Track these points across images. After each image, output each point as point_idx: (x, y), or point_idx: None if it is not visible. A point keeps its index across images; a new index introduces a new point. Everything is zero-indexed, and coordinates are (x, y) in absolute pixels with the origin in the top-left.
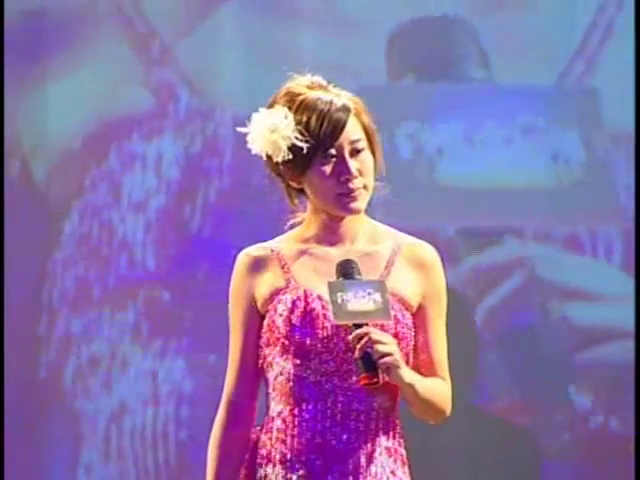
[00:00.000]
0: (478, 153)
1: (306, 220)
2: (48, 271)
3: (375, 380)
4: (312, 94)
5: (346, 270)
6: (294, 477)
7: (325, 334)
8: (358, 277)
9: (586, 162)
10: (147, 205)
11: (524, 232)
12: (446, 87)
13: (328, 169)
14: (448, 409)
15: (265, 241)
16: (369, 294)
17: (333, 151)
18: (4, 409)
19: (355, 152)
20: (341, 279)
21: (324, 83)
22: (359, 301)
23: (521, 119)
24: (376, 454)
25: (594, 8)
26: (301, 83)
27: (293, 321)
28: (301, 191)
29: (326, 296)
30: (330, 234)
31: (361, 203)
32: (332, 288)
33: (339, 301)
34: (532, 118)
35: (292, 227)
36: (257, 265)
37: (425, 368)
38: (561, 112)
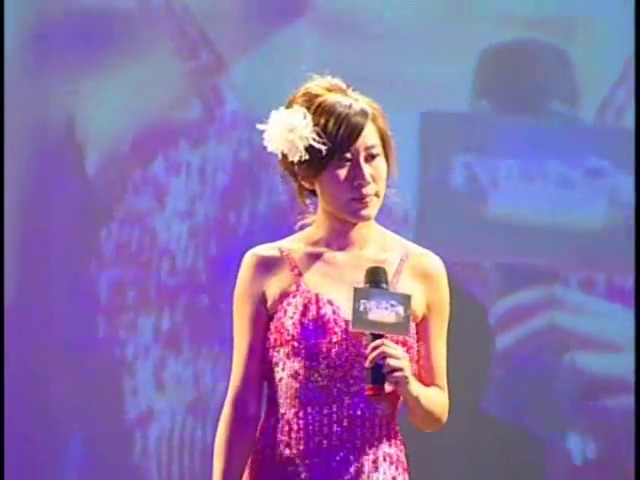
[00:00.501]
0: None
1: (316, 222)
2: (87, 274)
3: (380, 393)
4: (331, 97)
5: (375, 277)
6: None
7: (335, 339)
8: (384, 287)
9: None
10: (193, 212)
11: (564, 275)
12: (515, 119)
13: (342, 173)
14: (445, 418)
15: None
16: (392, 306)
17: (348, 155)
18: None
19: (370, 157)
20: (368, 286)
21: (343, 86)
22: (381, 312)
23: (588, 161)
24: (379, 460)
25: None
26: (320, 84)
27: (305, 325)
28: (313, 192)
29: (336, 301)
30: (340, 238)
31: (372, 210)
32: (357, 294)
33: (361, 308)
34: (598, 161)
35: (301, 228)
36: (267, 265)
37: (425, 376)
38: (623, 155)
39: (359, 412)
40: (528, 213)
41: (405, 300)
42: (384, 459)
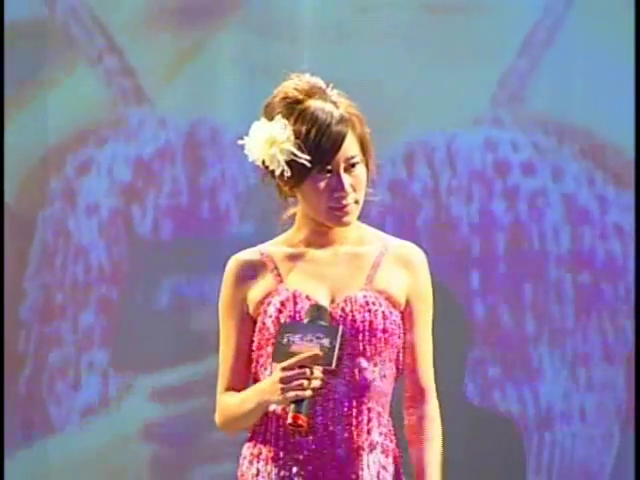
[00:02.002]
0: None
1: (296, 224)
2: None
3: (300, 422)
4: (312, 104)
5: (314, 314)
6: (287, 474)
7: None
8: (320, 322)
9: None
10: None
11: None
12: None
13: (322, 185)
14: (440, 437)
15: None
16: (318, 338)
17: (329, 167)
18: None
19: (350, 167)
20: (293, 322)
21: (323, 86)
22: (305, 344)
23: None
24: (368, 450)
25: None
26: (299, 87)
27: (282, 321)
28: (293, 195)
29: (314, 296)
30: (319, 238)
31: (352, 217)
32: (283, 329)
33: (284, 341)
34: None
35: (283, 225)
36: (248, 270)
37: (409, 371)
38: None
39: (346, 404)
40: None
41: (332, 332)
42: (374, 447)
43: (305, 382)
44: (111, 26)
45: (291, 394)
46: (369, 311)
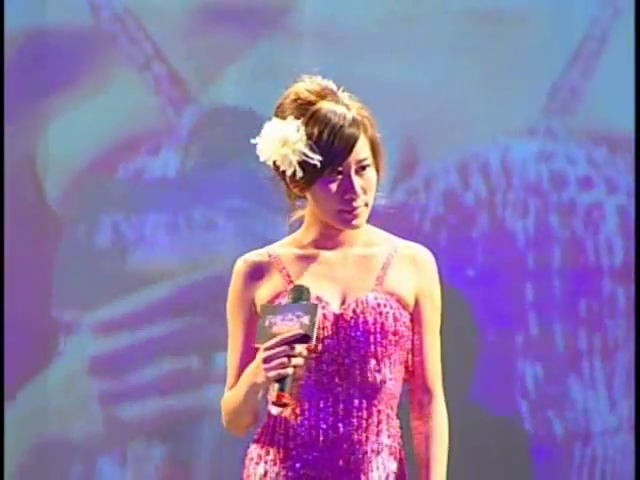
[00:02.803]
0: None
1: (304, 225)
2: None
3: (285, 401)
4: (324, 105)
5: (296, 295)
6: (295, 476)
7: (324, 334)
8: (300, 302)
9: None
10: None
11: None
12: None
13: (333, 187)
14: (446, 437)
15: None
16: (297, 317)
17: (340, 169)
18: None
19: (361, 169)
20: (274, 304)
21: (334, 88)
22: (286, 324)
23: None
24: (377, 452)
25: None
26: (311, 89)
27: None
28: (303, 196)
29: (325, 297)
30: (328, 240)
31: (362, 220)
32: (263, 311)
33: (265, 324)
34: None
35: (292, 227)
36: (256, 271)
37: (416, 372)
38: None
39: (356, 404)
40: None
41: (311, 309)
42: (382, 450)
43: (286, 360)
44: (156, 33)
45: (273, 373)
46: (380, 313)
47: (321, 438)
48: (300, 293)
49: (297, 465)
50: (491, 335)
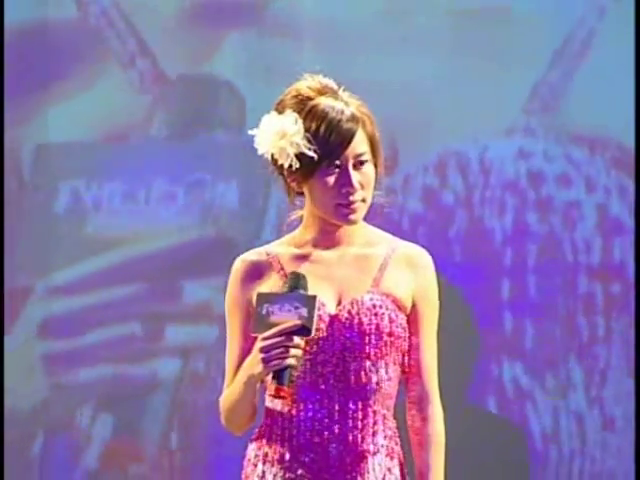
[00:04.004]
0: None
1: (303, 224)
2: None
3: (283, 394)
4: (323, 101)
5: (294, 283)
6: (292, 477)
7: (320, 335)
8: (298, 291)
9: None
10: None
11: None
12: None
13: (331, 180)
14: (443, 438)
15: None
16: (296, 308)
17: (338, 162)
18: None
19: (359, 164)
20: (270, 291)
21: (335, 87)
22: (284, 314)
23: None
24: (373, 452)
25: None
26: (311, 86)
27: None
28: (301, 193)
29: (321, 297)
30: (326, 238)
31: (359, 215)
32: (259, 299)
33: (263, 312)
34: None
35: (290, 225)
36: (254, 270)
37: (413, 373)
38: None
39: (351, 406)
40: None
41: (309, 301)
42: (379, 451)
43: (285, 351)
44: (142, 29)
45: (272, 363)
46: (375, 314)
47: (317, 439)
48: (297, 281)
49: (294, 466)
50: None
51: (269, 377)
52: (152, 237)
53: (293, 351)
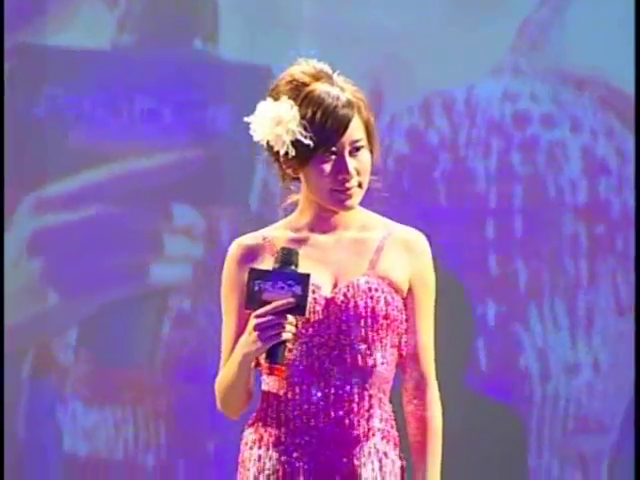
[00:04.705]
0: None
1: (299, 208)
2: None
3: (277, 373)
4: (318, 87)
5: (284, 259)
6: (288, 460)
7: (316, 318)
8: (290, 267)
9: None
10: None
11: None
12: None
13: (327, 166)
14: (440, 424)
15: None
16: (289, 286)
17: (334, 149)
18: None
19: (355, 150)
20: (262, 267)
21: (329, 72)
22: (277, 291)
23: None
24: (369, 436)
25: None
26: (306, 71)
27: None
28: (296, 178)
29: (317, 280)
30: (322, 223)
31: (355, 200)
32: (251, 275)
33: (255, 288)
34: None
35: (286, 210)
36: (250, 254)
37: (410, 357)
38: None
39: (347, 388)
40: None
41: (303, 279)
42: (374, 434)
43: (280, 328)
44: None
45: (268, 341)
46: (371, 297)
47: (312, 422)
48: (288, 256)
49: (290, 449)
50: (453, 278)
51: (263, 356)
52: (138, 155)
53: (288, 328)
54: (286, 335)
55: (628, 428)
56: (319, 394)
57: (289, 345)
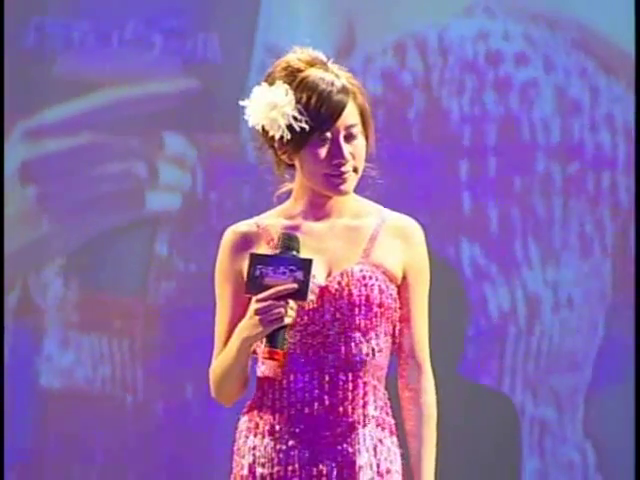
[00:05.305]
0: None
1: (293, 195)
2: None
3: (277, 357)
4: (313, 72)
5: (286, 244)
6: (283, 448)
7: (311, 306)
8: (292, 253)
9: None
10: None
11: None
12: None
13: (322, 151)
14: (435, 411)
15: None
16: (291, 271)
17: (329, 134)
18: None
19: (349, 136)
20: (263, 252)
21: (324, 59)
22: (278, 276)
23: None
24: (364, 423)
25: None
26: (301, 58)
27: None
28: (291, 165)
29: (312, 269)
30: (317, 210)
31: (350, 185)
32: (253, 260)
33: (257, 273)
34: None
35: (279, 198)
36: (244, 241)
37: (404, 345)
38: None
39: (342, 377)
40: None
41: (305, 265)
42: (369, 421)
43: (282, 312)
44: None
45: (269, 325)
46: (365, 285)
47: (307, 410)
48: (289, 241)
49: (285, 437)
50: (426, 218)
51: (261, 342)
52: (128, 83)
53: (289, 312)
54: (287, 320)
55: (602, 365)
56: (314, 382)
57: (289, 330)
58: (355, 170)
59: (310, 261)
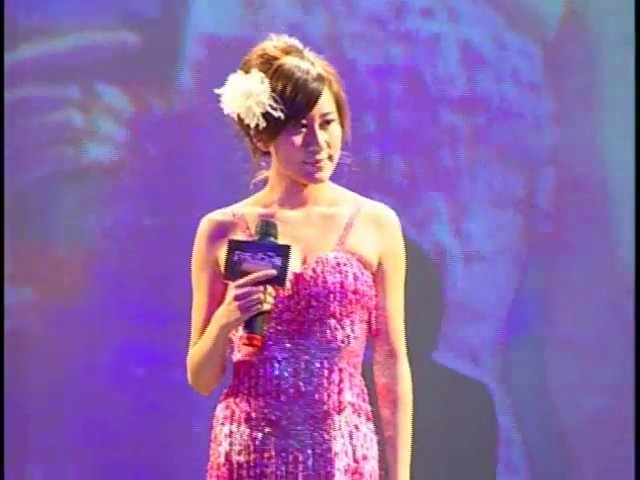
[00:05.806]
0: None
1: (269, 184)
2: None
3: (255, 342)
4: (289, 60)
5: (264, 230)
6: (259, 435)
7: (286, 293)
8: (269, 239)
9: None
10: None
11: None
12: None
13: (297, 139)
14: (410, 399)
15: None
16: (269, 257)
17: (304, 122)
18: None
19: (325, 123)
20: (241, 238)
21: (300, 47)
22: (257, 262)
23: None
24: (340, 410)
25: None
26: (277, 46)
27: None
28: (267, 153)
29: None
30: (292, 198)
31: (325, 173)
32: (231, 246)
33: (235, 259)
34: None
35: (256, 185)
36: (220, 230)
37: (380, 332)
38: None
39: (317, 364)
40: None
41: (284, 251)
42: (346, 408)
43: (262, 298)
44: None
45: (247, 311)
46: (340, 272)
47: (283, 398)
48: (268, 228)
49: (261, 424)
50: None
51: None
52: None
53: (268, 297)
54: (266, 306)
55: (515, 318)
56: (289, 369)
57: (267, 315)
58: (330, 158)
59: (289, 247)
